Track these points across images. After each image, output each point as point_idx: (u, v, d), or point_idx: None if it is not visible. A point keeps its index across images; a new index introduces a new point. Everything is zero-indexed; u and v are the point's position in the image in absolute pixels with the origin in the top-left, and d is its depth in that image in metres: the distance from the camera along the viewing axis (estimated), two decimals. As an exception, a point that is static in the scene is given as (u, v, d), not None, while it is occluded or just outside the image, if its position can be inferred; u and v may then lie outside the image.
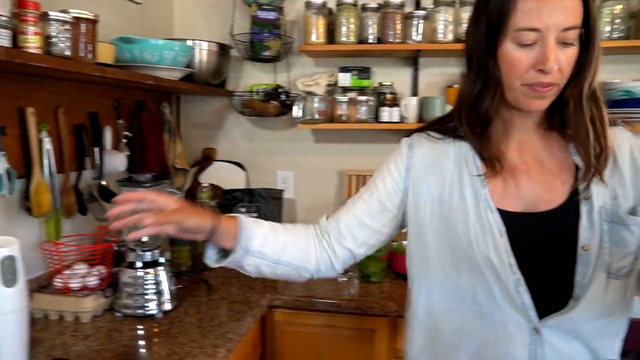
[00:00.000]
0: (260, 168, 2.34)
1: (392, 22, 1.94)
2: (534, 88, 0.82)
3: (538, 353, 0.86)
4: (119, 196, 0.88)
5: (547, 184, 0.89)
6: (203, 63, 2.01)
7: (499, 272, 0.86)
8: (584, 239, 0.85)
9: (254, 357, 1.60)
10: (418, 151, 0.97)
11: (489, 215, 0.88)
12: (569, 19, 0.78)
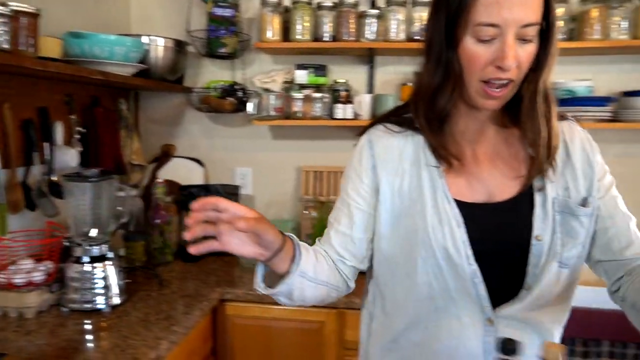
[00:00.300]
0: (219, 164, 2.35)
1: (347, 20, 1.97)
2: (487, 90, 0.82)
3: (492, 344, 0.86)
4: (195, 203, 0.78)
5: (502, 176, 0.90)
6: (159, 59, 2.01)
7: (456, 264, 0.86)
8: (537, 229, 0.86)
9: (204, 351, 1.61)
10: (377, 147, 0.94)
11: (446, 206, 0.87)
12: (529, 15, 0.77)
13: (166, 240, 1.94)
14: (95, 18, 2.01)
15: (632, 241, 0.90)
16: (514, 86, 0.83)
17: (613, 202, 0.91)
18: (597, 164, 0.91)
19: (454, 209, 0.87)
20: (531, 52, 0.80)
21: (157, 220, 1.93)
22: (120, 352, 1.21)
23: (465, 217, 0.87)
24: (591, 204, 0.88)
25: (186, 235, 0.76)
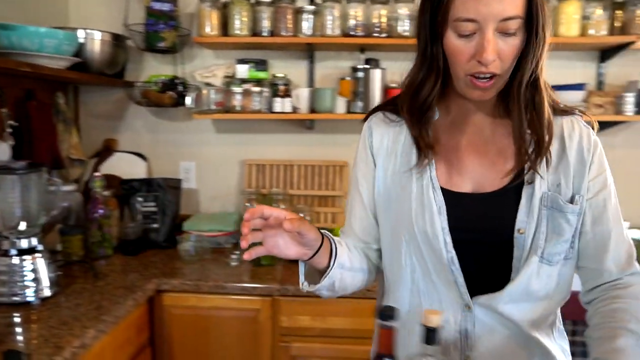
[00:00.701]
0: (162, 159, 2.35)
1: (284, 16, 2.02)
2: (474, 81, 0.83)
3: (469, 329, 0.90)
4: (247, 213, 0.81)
5: (493, 168, 0.90)
6: (96, 53, 2.00)
7: (435, 249, 0.89)
8: (520, 222, 0.87)
9: (140, 340, 1.63)
10: (375, 134, 0.98)
11: (430, 193, 0.90)
12: (507, 9, 0.77)
13: (105, 234, 1.94)
14: (30, 11, 1.98)
15: (607, 250, 0.89)
16: (501, 79, 0.83)
17: (602, 206, 0.89)
18: (593, 164, 0.89)
19: (438, 196, 0.90)
20: (515, 45, 0.80)
21: (95, 214, 1.93)
22: (44, 342, 1.21)
23: (449, 205, 0.89)
24: (579, 202, 0.88)
25: (242, 244, 0.80)
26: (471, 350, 0.91)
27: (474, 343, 0.91)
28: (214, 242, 2.09)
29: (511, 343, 0.91)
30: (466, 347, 0.91)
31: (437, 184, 0.90)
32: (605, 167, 0.91)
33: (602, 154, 0.91)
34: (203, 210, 2.37)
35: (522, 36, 0.81)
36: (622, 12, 1.98)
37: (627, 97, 1.98)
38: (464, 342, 0.91)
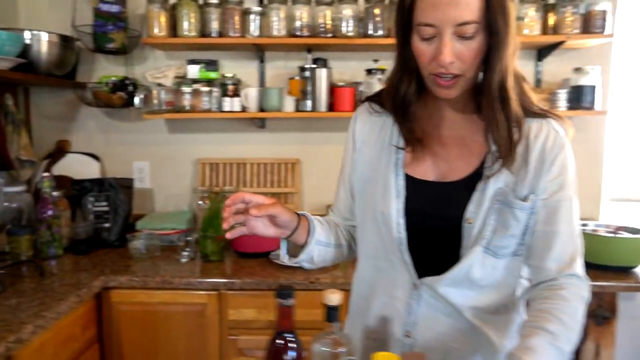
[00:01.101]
0: (116, 159, 2.37)
1: (232, 17, 2.06)
2: (437, 80, 0.88)
3: (413, 307, 0.97)
4: (228, 200, 0.92)
5: (459, 160, 0.95)
6: (43, 54, 2.01)
7: (390, 229, 0.96)
8: (469, 212, 0.91)
9: (86, 336, 1.64)
10: (359, 122, 1.07)
11: (393, 177, 0.97)
12: (463, 14, 0.82)
13: (54, 234, 1.95)
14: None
15: (551, 250, 0.92)
16: (463, 79, 0.88)
17: (555, 207, 0.92)
18: (554, 165, 0.92)
19: (400, 181, 0.97)
20: (474, 48, 0.85)
21: (44, 214, 1.93)
22: (-21, 338, 1.23)
23: (408, 190, 0.96)
24: (531, 200, 0.91)
25: (224, 225, 0.91)
26: (413, 327, 0.97)
27: (416, 320, 0.97)
28: (167, 240, 2.11)
29: (453, 328, 0.96)
30: (408, 322, 0.98)
31: (402, 170, 0.98)
32: (568, 170, 0.93)
33: (567, 158, 0.93)
34: (158, 209, 2.40)
35: (482, 39, 0.85)
36: (554, 13, 2.09)
37: (560, 94, 2.08)
38: (406, 317, 0.98)
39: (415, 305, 0.97)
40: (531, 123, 0.94)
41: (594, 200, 2.36)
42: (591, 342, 1.80)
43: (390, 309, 1.00)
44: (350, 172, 1.08)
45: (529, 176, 0.92)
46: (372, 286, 1.03)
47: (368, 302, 1.04)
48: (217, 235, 1.90)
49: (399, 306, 0.98)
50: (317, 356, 0.83)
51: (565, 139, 0.95)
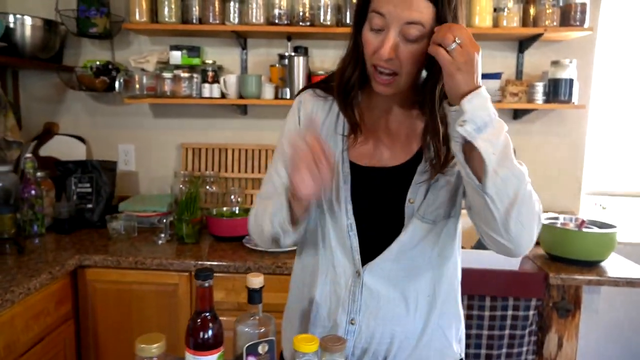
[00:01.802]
0: (102, 142, 2.43)
1: (212, 4, 2.08)
2: (376, 76, 0.91)
3: (357, 294, 0.98)
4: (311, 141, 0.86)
5: (400, 147, 0.99)
6: (27, 37, 2.06)
7: (337, 216, 0.98)
8: (411, 192, 0.96)
9: (60, 313, 1.71)
10: (303, 108, 1.06)
11: (339, 165, 0.99)
12: (412, 14, 0.84)
13: (37, 213, 2.02)
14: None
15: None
16: (401, 78, 0.90)
17: None
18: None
19: (345, 168, 0.99)
20: (414, 52, 0.87)
21: (27, 194, 2.00)
22: (-52, 309, 1.30)
23: (354, 177, 0.99)
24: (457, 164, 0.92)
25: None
26: (357, 314, 0.99)
27: (359, 307, 0.99)
28: (148, 222, 2.17)
29: (396, 313, 0.99)
30: (352, 310, 1.00)
31: (347, 157, 1.00)
32: None
33: None
34: (142, 192, 2.46)
35: (424, 46, 0.86)
36: (534, 5, 2.08)
37: (538, 87, 2.08)
38: (350, 305, 1.00)
39: (358, 292, 0.99)
40: None
41: (574, 194, 2.36)
42: (554, 334, 1.83)
43: (333, 296, 1.01)
44: None
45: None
46: (314, 273, 1.04)
47: (310, 290, 1.05)
48: (192, 218, 1.96)
49: (342, 295, 1.00)
50: (240, 336, 0.88)
51: None
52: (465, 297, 1.77)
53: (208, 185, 2.27)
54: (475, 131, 0.79)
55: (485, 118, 0.80)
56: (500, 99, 2.14)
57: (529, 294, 1.75)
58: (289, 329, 1.10)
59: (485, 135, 0.80)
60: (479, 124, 0.80)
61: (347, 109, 1.01)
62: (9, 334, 1.45)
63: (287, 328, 1.11)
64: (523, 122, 2.29)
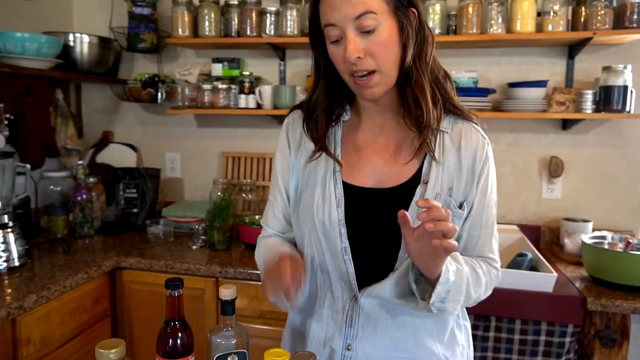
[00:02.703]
0: (151, 150, 2.58)
1: (249, 17, 2.15)
2: (355, 81, 0.89)
3: (354, 319, 0.96)
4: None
5: (394, 165, 0.95)
6: (85, 54, 2.24)
7: (331, 240, 0.94)
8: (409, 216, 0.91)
9: (97, 310, 1.83)
10: (291, 130, 1.04)
11: (332, 186, 0.95)
12: (357, 7, 0.83)
13: (86, 216, 2.17)
14: (31, 18, 2.25)
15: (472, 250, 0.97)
16: (381, 75, 0.88)
17: (479, 214, 0.95)
18: (482, 175, 0.94)
19: (338, 189, 0.95)
20: (379, 42, 0.85)
21: (78, 197, 2.17)
22: (-10, 302, 1.44)
23: (348, 198, 0.95)
24: (465, 208, 0.94)
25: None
26: (353, 339, 0.97)
27: (356, 332, 0.97)
28: (187, 228, 2.27)
29: (394, 338, 0.96)
30: (349, 335, 0.97)
31: (340, 178, 0.96)
32: (492, 177, 0.96)
33: (491, 165, 0.96)
34: (187, 198, 2.57)
35: (387, 32, 0.86)
36: (585, 7, 1.93)
37: (587, 95, 1.93)
38: (347, 330, 0.97)
39: (355, 317, 0.96)
40: (460, 126, 0.96)
41: (633, 212, 2.15)
42: (597, 365, 1.67)
43: (330, 321, 0.99)
44: (287, 182, 1.04)
45: (462, 184, 0.94)
46: (313, 296, 1.01)
47: (305, 314, 1.04)
48: (222, 225, 2.01)
49: (340, 320, 0.98)
50: (213, 347, 0.90)
51: (489, 145, 0.97)
52: (493, 318, 1.67)
53: (245, 194, 2.33)
54: (440, 301, 0.87)
55: (445, 294, 0.87)
56: (546, 108, 2.01)
57: (564, 319, 1.61)
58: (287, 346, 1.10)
59: (449, 298, 0.88)
60: (444, 295, 0.87)
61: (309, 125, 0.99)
62: (45, 328, 1.58)
63: (286, 343, 1.11)
64: (573, 132, 2.13)
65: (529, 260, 1.79)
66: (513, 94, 2.05)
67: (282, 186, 1.05)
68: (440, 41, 1.95)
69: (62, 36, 2.17)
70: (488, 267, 0.98)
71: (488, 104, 2.02)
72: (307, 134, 1.00)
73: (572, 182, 2.17)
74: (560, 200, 2.18)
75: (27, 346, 1.51)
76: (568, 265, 1.92)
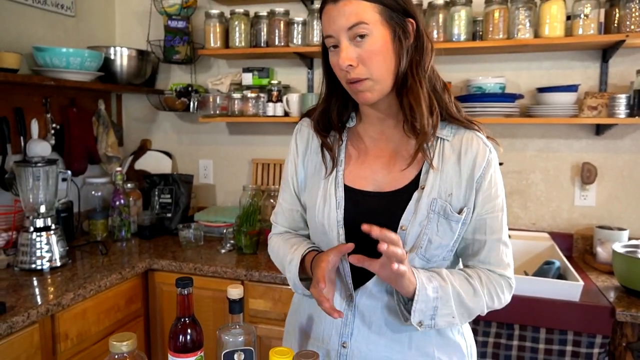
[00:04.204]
0: (185, 157, 2.68)
1: (278, 28, 2.21)
2: (352, 86, 0.93)
3: (349, 317, 0.99)
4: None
5: (393, 170, 0.99)
6: (124, 66, 2.37)
7: (330, 240, 0.99)
8: (404, 220, 0.94)
9: (130, 310, 1.92)
10: (300, 136, 1.11)
11: (333, 188, 1.00)
12: (350, 19, 0.88)
13: (124, 220, 2.29)
14: (76, 33, 2.41)
15: (479, 255, 0.99)
16: (374, 82, 0.91)
17: (484, 219, 0.97)
18: (484, 180, 0.95)
19: (339, 192, 1.00)
20: (370, 50, 0.89)
21: (116, 202, 2.28)
22: (29, 299, 1.54)
23: (347, 201, 0.99)
24: (465, 213, 0.95)
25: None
26: (348, 338, 1.00)
27: (351, 331, 0.99)
28: (218, 232, 2.35)
29: (388, 338, 0.98)
30: (344, 333, 1.00)
31: (342, 182, 1.01)
32: (496, 184, 0.97)
33: (496, 172, 0.97)
34: (219, 203, 2.65)
35: (379, 41, 0.89)
36: (619, 9, 1.87)
37: (620, 99, 1.87)
38: (342, 328, 1.00)
39: (351, 317, 0.99)
40: (462, 134, 0.98)
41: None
42: (629, 379, 1.61)
43: (327, 318, 1.01)
44: (296, 184, 1.10)
45: (462, 190, 0.96)
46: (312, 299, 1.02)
47: (307, 308, 1.07)
48: (249, 230, 2.07)
49: (336, 319, 0.98)
50: (221, 345, 0.94)
51: (493, 153, 0.98)
52: (517, 327, 1.64)
53: (273, 199, 2.38)
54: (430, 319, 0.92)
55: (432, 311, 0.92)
56: (577, 113, 1.96)
57: (592, 330, 1.56)
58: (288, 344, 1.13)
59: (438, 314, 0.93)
60: (431, 312, 0.92)
61: (317, 130, 1.04)
62: (81, 325, 1.68)
63: (287, 341, 1.15)
64: (607, 137, 2.07)
65: (557, 268, 1.75)
66: (542, 99, 2.01)
67: (292, 187, 1.11)
68: (465, 47, 1.97)
69: (104, 50, 2.31)
70: (490, 276, 0.98)
71: (516, 110, 1.99)
72: (315, 138, 1.06)
73: (607, 188, 2.09)
74: (594, 208, 2.11)
75: (65, 341, 1.61)
76: (600, 275, 1.86)
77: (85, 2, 2.46)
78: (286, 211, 1.14)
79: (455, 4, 1.97)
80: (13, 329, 1.40)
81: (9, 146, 2.04)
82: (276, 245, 1.13)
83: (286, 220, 1.15)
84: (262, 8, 2.28)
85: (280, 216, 1.16)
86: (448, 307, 0.92)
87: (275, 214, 1.17)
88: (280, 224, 1.16)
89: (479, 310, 0.97)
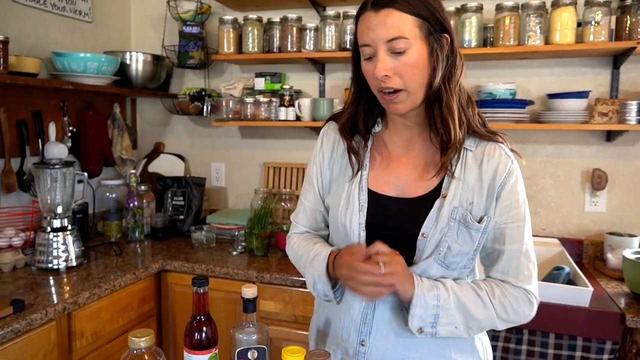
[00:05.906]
0: (198, 160, 2.72)
1: (290, 33, 2.25)
2: (383, 96, 0.96)
3: (368, 316, 1.02)
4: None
5: (417, 177, 1.01)
6: (139, 71, 2.41)
7: (350, 242, 1.01)
8: (425, 227, 0.97)
9: (143, 310, 1.95)
10: (326, 138, 1.13)
11: (356, 192, 1.02)
12: (390, 31, 0.90)
13: (137, 222, 2.33)
14: (93, 38, 2.46)
15: (497, 264, 1.00)
16: (407, 94, 0.94)
17: (503, 228, 0.99)
18: (504, 190, 0.97)
19: (363, 195, 1.02)
20: (408, 63, 0.92)
21: (130, 204, 2.33)
22: (46, 297, 1.58)
23: (370, 205, 1.01)
24: (485, 222, 0.97)
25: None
26: (367, 336, 1.02)
27: (370, 329, 1.02)
28: (229, 235, 2.38)
29: (407, 337, 1.00)
30: (363, 331, 1.02)
31: (365, 186, 1.04)
32: (517, 194, 0.98)
33: (517, 182, 0.99)
34: (230, 206, 2.69)
35: (416, 55, 0.92)
36: (629, 16, 1.88)
37: (631, 106, 1.87)
38: (361, 326, 1.03)
39: (370, 314, 1.02)
40: (485, 145, 1.00)
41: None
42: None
43: (347, 316, 1.04)
44: (320, 186, 1.13)
45: (483, 199, 0.98)
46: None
47: (328, 310, 1.10)
48: (261, 232, 2.10)
49: (355, 316, 1.03)
50: (235, 343, 0.97)
51: (515, 164, 1.00)
52: (525, 332, 1.64)
53: (284, 202, 2.41)
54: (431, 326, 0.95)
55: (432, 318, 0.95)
56: (588, 120, 1.96)
57: (601, 336, 1.56)
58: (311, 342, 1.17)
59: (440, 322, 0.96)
60: (432, 319, 0.94)
61: (343, 134, 1.06)
62: (97, 323, 1.71)
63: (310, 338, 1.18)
64: (618, 144, 2.07)
65: (566, 274, 1.75)
66: (553, 105, 2.02)
67: (317, 188, 1.14)
68: (476, 53, 1.99)
69: (120, 55, 2.36)
70: (505, 289, 0.99)
71: (526, 116, 2.00)
72: (341, 142, 1.09)
73: (618, 195, 2.09)
74: (605, 214, 2.11)
75: (80, 339, 1.65)
76: (610, 281, 1.86)
77: (102, 8, 2.52)
78: (308, 211, 1.16)
79: (467, 11, 1.99)
80: (32, 326, 1.44)
81: (27, 148, 2.09)
82: (296, 243, 1.16)
83: (307, 220, 1.17)
84: (275, 14, 2.32)
85: (302, 216, 1.17)
86: (449, 317, 0.94)
87: (297, 213, 1.19)
88: (300, 224, 1.18)
89: (489, 323, 0.98)
